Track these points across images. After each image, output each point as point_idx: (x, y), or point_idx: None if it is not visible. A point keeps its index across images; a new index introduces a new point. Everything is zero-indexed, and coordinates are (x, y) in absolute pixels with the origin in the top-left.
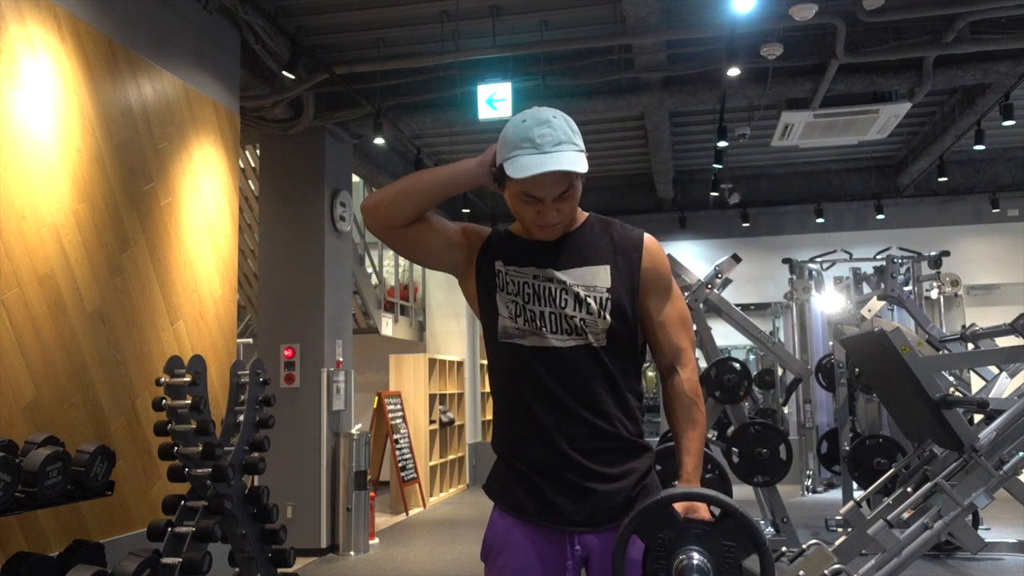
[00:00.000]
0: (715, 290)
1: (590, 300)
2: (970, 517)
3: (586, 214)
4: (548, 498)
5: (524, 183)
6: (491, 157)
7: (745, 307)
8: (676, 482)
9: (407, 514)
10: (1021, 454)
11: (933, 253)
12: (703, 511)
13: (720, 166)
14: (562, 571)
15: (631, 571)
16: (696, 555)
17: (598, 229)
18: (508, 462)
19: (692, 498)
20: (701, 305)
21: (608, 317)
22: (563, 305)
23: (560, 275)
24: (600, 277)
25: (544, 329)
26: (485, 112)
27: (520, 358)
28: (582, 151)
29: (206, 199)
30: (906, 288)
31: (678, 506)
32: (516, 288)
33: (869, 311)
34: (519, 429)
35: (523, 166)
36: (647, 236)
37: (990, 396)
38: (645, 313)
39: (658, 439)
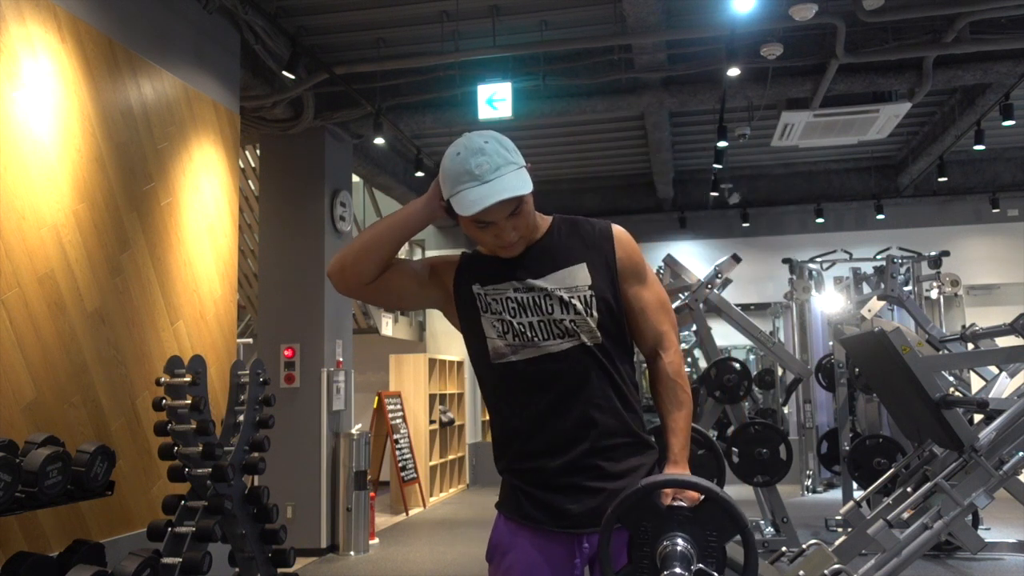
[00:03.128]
0: (715, 290)
1: (575, 301)
2: (970, 517)
3: (549, 218)
4: (556, 506)
5: (474, 215)
6: (437, 192)
7: (745, 307)
8: (665, 464)
9: (407, 514)
10: (1021, 454)
11: (933, 253)
12: (690, 492)
13: (720, 166)
14: (571, 569)
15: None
16: (680, 540)
17: (565, 230)
18: (514, 477)
19: (672, 485)
20: (701, 305)
21: (596, 313)
22: (550, 311)
23: (540, 283)
24: (579, 276)
25: (536, 338)
26: (485, 112)
27: (516, 375)
28: (523, 167)
29: (206, 199)
30: (906, 288)
31: (665, 490)
32: (500, 306)
33: (869, 311)
34: (524, 443)
35: (469, 202)
36: (615, 226)
37: (990, 396)
38: (626, 301)
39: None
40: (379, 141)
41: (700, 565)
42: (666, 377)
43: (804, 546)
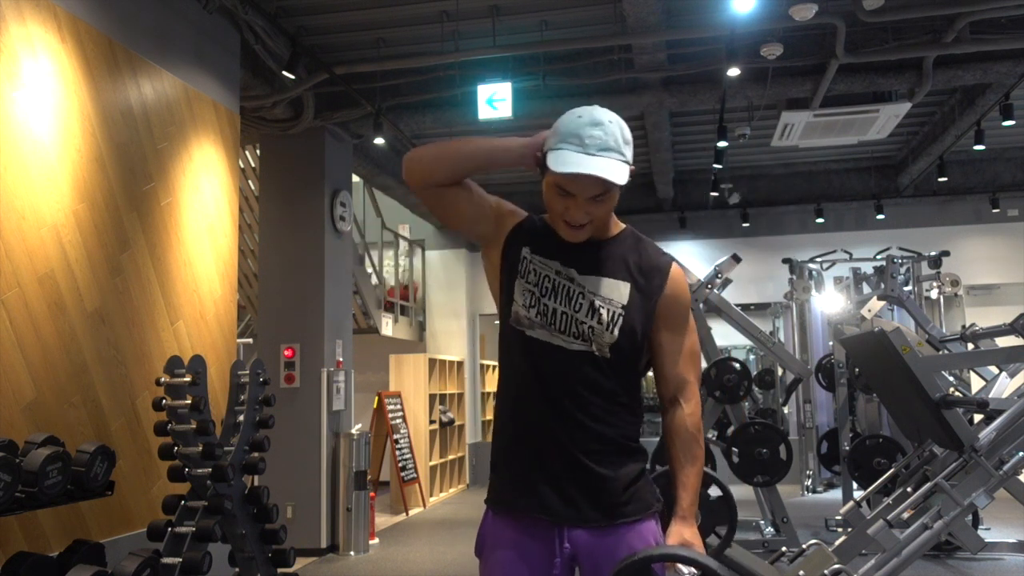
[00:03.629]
0: (715, 290)
1: (602, 311)
2: (970, 517)
3: (623, 226)
4: (537, 489)
5: (559, 177)
6: (538, 142)
7: (745, 307)
8: (672, 520)
9: (407, 514)
10: (1021, 454)
11: (933, 253)
12: (695, 541)
13: (720, 166)
14: (549, 568)
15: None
16: None
17: (629, 244)
18: (503, 447)
19: (671, 559)
20: (701, 305)
21: (615, 333)
22: (576, 308)
23: (580, 279)
24: (618, 292)
25: (553, 327)
26: (485, 112)
27: (525, 346)
28: (627, 162)
29: (206, 199)
30: (906, 288)
31: (671, 539)
32: (536, 279)
33: (869, 311)
34: (516, 415)
35: (562, 161)
36: (675, 265)
37: (990, 396)
38: (656, 341)
39: (657, 440)
40: (379, 141)
41: None
42: (684, 430)
43: (804, 546)
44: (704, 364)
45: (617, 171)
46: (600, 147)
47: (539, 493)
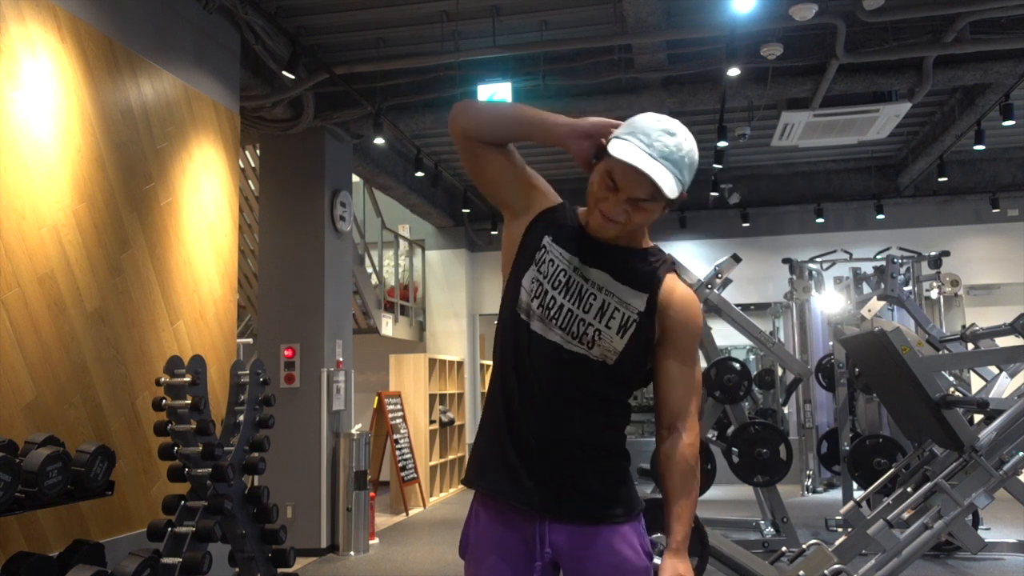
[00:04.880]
0: (715, 290)
1: (616, 315)
2: (970, 517)
3: (652, 244)
4: (520, 480)
5: (614, 163)
6: (583, 129)
7: (745, 307)
8: (663, 551)
9: (407, 514)
10: (1021, 454)
11: (933, 253)
12: (688, 574)
13: (720, 166)
14: (529, 572)
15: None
16: None
17: (655, 261)
18: (487, 436)
19: None
20: (701, 305)
21: (626, 339)
22: (587, 309)
23: (599, 278)
24: (635, 301)
25: (554, 321)
26: None
27: (523, 334)
28: (681, 181)
29: (206, 199)
30: (906, 288)
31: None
32: (550, 270)
33: (869, 311)
34: (504, 406)
35: (624, 150)
36: (694, 294)
37: (990, 396)
38: (663, 367)
39: (655, 440)
40: (379, 141)
41: None
42: (682, 460)
43: (804, 546)
44: (704, 364)
45: (671, 183)
46: (665, 155)
47: (523, 485)
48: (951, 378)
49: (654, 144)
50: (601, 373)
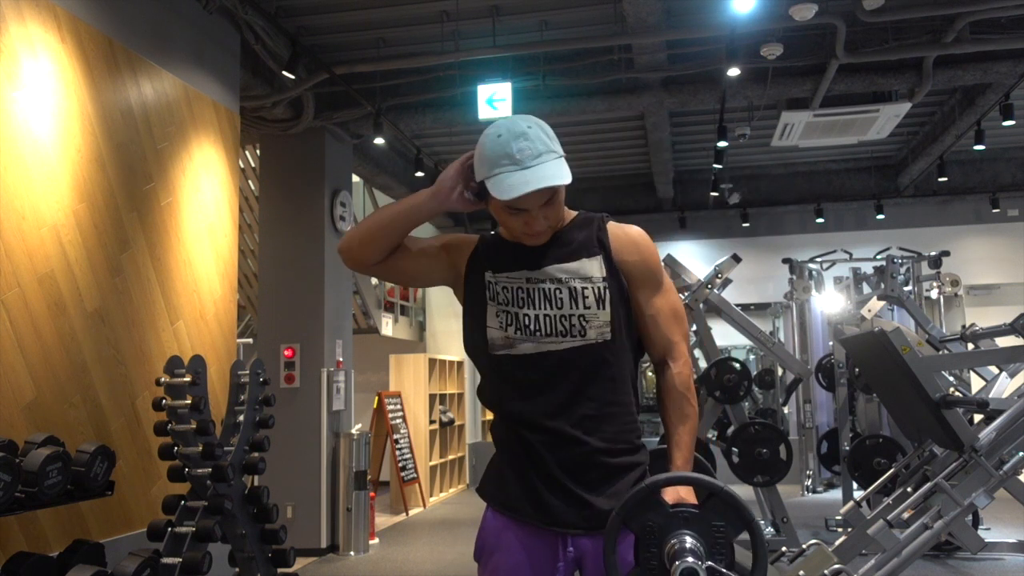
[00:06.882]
0: (715, 290)
1: (587, 292)
2: (970, 517)
3: (574, 212)
4: (542, 499)
5: (510, 201)
6: (447, 186)
7: (745, 307)
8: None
9: (407, 514)
10: (1021, 454)
11: (933, 253)
12: (690, 496)
13: (720, 166)
14: (552, 572)
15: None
16: (688, 538)
17: (585, 223)
18: (504, 461)
19: (676, 482)
20: (701, 305)
21: (607, 307)
22: (559, 305)
23: (554, 272)
24: (594, 269)
25: (538, 333)
26: (485, 112)
27: (511, 369)
28: (562, 156)
29: (206, 199)
30: (906, 288)
31: (667, 496)
32: (508, 296)
33: (869, 311)
34: (518, 436)
35: (508, 186)
36: (636, 228)
37: (990, 396)
38: (637, 305)
39: (657, 439)
40: (379, 141)
41: (710, 562)
42: (673, 389)
43: (804, 546)
44: (704, 364)
45: (559, 172)
46: (533, 155)
47: (544, 502)
48: (951, 378)
49: (518, 158)
50: (607, 351)
